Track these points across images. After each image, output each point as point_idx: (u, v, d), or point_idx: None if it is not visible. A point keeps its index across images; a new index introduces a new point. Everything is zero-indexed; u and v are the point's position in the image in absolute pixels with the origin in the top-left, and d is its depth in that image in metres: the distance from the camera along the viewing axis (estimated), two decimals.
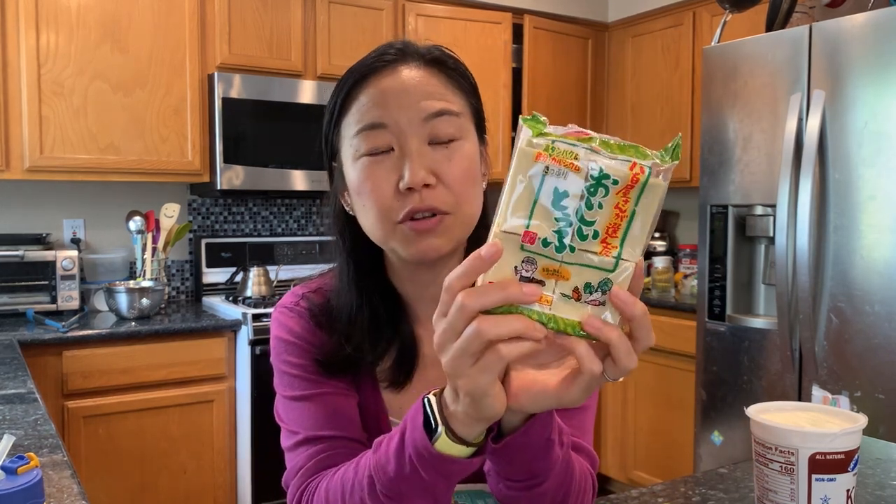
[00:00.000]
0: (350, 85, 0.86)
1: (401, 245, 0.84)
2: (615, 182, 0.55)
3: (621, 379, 0.60)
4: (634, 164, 0.55)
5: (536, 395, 0.62)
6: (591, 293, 0.56)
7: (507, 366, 0.61)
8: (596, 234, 0.55)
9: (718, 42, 2.79)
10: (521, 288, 0.56)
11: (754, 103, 2.56)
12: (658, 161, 0.56)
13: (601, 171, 0.55)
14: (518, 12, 3.65)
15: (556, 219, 0.55)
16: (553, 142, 0.55)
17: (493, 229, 0.57)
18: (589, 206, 0.55)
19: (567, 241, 0.55)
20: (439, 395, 0.67)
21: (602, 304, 0.57)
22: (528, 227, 0.56)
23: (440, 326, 0.59)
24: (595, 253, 0.56)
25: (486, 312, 0.57)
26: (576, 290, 0.56)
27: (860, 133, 2.25)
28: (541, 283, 0.56)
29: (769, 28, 2.67)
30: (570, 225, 0.55)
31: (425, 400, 0.68)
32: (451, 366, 0.59)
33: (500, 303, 0.56)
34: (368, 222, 0.85)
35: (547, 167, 0.55)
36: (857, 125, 2.26)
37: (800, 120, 2.39)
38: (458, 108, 0.85)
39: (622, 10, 3.86)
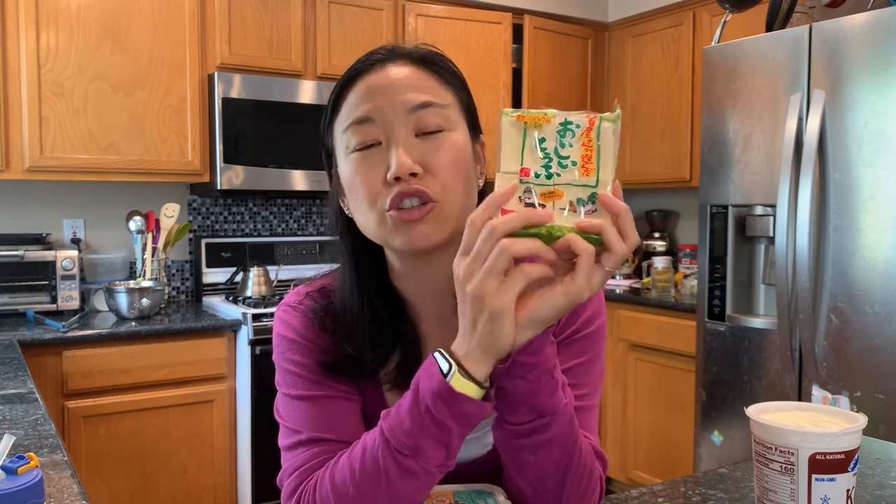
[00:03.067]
0: (340, 87, 0.88)
1: (391, 235, 0.84)
2: (577, 126, 0.71)
3: (616, 273, 0.69)
4: (588, 115, 0.72)
5: (544, 296, 0.69)
6: (583, 205, 0.70)
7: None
8: (574, 164, 0.71)
9: (718, 42, 2.79)
10: (537, 211, 0.68)
11: (754, 103, 2.56)
12: (604, 115, 0.72)
13: (566, 119, 0.72)
14: (518, 12, 3.65)
15: (540, 157, 0.71)
16: (527, 110, 0.72)
17: (496, 174, 0.71)
18: (562, 146, 0.71)
19: (552, 170, 0.71)
20: (447, 349, 0.73)
21: (594, 212, 0.70)
22: (521, 165, 0.71)
23: (466, 259, 0.69)
24: (578, 176, 0.71)
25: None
26: (571, 204, 0.71)
27: (860, 133, 2.25)
28: (542, 206, 0.70)
29: (769, 28, 2.67)
30: (552, 159, 0.71)
31: (435, 354, 0.73)
32: (479, 286, 0.67)
33: (523, 224, 0.68)
34: (361, 216, 0.86)
35: (526, 122, 0.71)
36: (857, 125, 2.26)
37: (800, 120, 2.39)
38: (446, 100, 0.86)
39: (622, 10, 3.86)
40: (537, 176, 0.71)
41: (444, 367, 0.71)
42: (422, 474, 0.74)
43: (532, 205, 0.70)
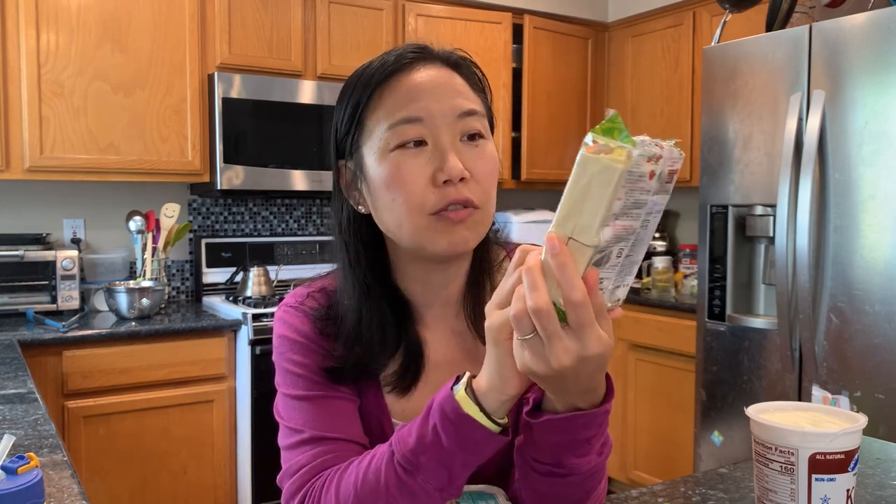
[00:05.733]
0: (377, 82, 0.86)
1: (432, 238, 0.83)
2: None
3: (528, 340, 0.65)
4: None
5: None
6: None
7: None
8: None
9: (718, 42, 2.79)
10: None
11: (754, 103, 2.56)
12: (597, 136, 0.59)
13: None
14: (518, 12, 3.65)
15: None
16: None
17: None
18: None
19: None
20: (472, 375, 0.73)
21: None
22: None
23: (503, 315, 0.67)
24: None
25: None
26: None
27: (860, 133, 2.25)
28: None
29: (769, 28, 2.67)
30: None
31: (458, 376, 0.73)
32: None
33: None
34: (396, 216, 0.84)
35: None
36: (857, 125, 2.26)
37: (800, 120, 2.39)
38: (482, 108, 0.88)
39: (622, 10, 3.86)
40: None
41: (458, 389, 0.71)
42: (420, 493, 0.73)
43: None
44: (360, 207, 0.90)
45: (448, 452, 0.71)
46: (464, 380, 0.72)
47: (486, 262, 0.94)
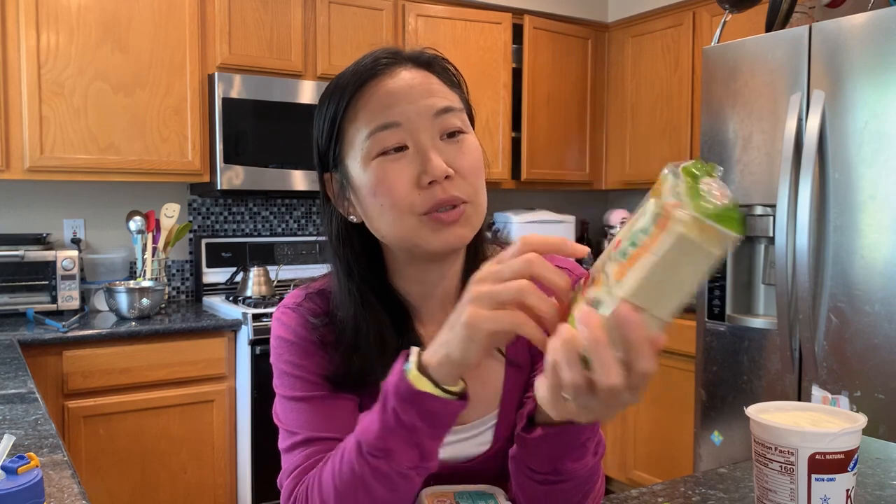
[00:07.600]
0: (352, 92, 0.86)
1: (424, 238, 0.84)
2: (657, 215, 0.54)
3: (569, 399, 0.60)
4: (665, 200, 0.54)
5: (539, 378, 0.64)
6: (597, 308, 0.57)
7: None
8: (625, 255, 0.56)
9: (718, 42, 2.79)
10: (563, 278, 0.63)
11: (754, 103, 2.56)
12: (680, 216, 0.53)
13: (662, 205, 0.54)
14: (518, 12, 3.65)
15: (637, 222, 0.57)
16: (667, 173, 0.56)
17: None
18: (643, 231, 0.55)
19: (615, 253, 0.58)
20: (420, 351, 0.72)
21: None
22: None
23: (495, 266, 0.65)
24: (612, 272, 0.57)
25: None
26: (589, 300, 0.57)
27: (860, 133, 2.25)
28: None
29: (769, 28, 2.67)
30: (627, 242, 0.57)
31: (406, 352, 0.72)
32: (475, 299, 0.64)
33: (552, 272, 0.62)
34: (386, 221, 0.85)
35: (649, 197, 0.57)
36: (857, 125, 2.26)
37: (800, 120, 2.39)
38: (459, 104, 0.88)
39: (622, 10, 3.86)
40: (611, 255, 0.58)
41: (409, 369, 0.70)
42: (396, 477, 0.73)
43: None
44: (351, 217, 0.90)
45: (413, 430, 0.71)
46: (413, 358, 0.71)
47: (480, 253, 0.94)
